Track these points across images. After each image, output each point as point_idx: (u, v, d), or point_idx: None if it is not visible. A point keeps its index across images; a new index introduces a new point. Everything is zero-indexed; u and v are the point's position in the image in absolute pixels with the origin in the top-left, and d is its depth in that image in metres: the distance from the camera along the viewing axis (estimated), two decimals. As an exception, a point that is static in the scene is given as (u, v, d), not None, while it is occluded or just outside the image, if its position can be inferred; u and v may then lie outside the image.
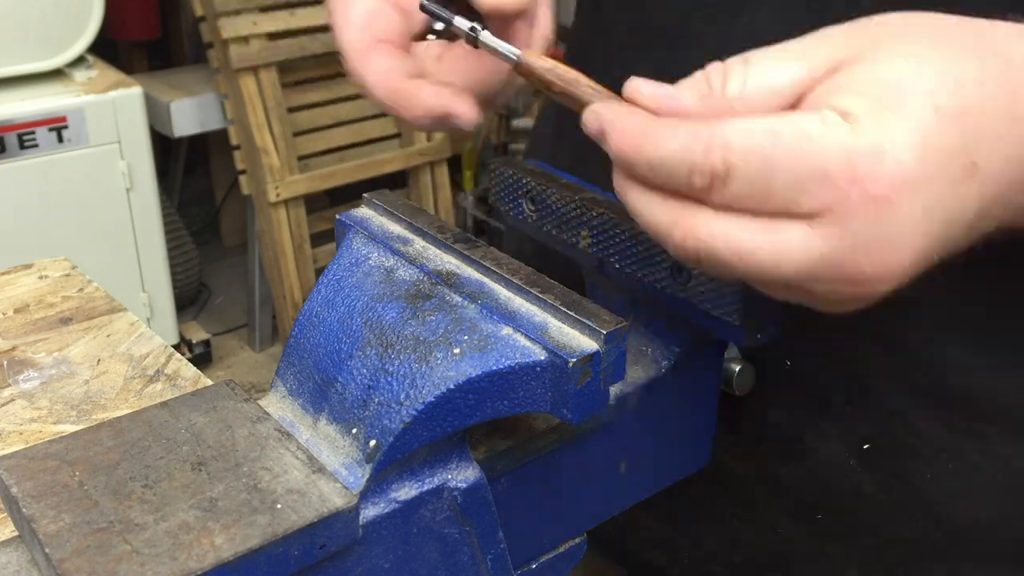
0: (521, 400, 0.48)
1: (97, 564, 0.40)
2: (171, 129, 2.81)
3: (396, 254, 0.55)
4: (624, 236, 0.58)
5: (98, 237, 2.50)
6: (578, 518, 0.58)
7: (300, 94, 2.87)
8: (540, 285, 0.50)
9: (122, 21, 3.17)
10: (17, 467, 0.45)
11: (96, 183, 2.47)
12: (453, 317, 0.49)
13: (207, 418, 0.49)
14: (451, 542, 0.50)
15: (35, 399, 0.86)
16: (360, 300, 0.52)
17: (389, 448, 0.46)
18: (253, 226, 2.95)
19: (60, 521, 0.42)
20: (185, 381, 0.89)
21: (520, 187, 0.64)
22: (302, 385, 0.52)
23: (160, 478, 0.45)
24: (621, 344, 0.48)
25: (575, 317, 0.48)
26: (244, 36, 2.70)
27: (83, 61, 2.51)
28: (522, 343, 0.48)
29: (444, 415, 0.46)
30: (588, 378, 0.47)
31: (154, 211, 2.59)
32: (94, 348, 0.93)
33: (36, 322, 0.97)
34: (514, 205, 0.65)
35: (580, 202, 0.60)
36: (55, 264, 1.08)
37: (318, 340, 0.52)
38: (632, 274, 0.58)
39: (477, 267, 0.53)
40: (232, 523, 0.42)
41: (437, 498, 0.48)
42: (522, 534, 0.55)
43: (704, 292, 0.54)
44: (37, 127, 2.35)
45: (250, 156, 2.79)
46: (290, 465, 0.46)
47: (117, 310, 0.99)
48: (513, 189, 0.65)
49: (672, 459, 0.63)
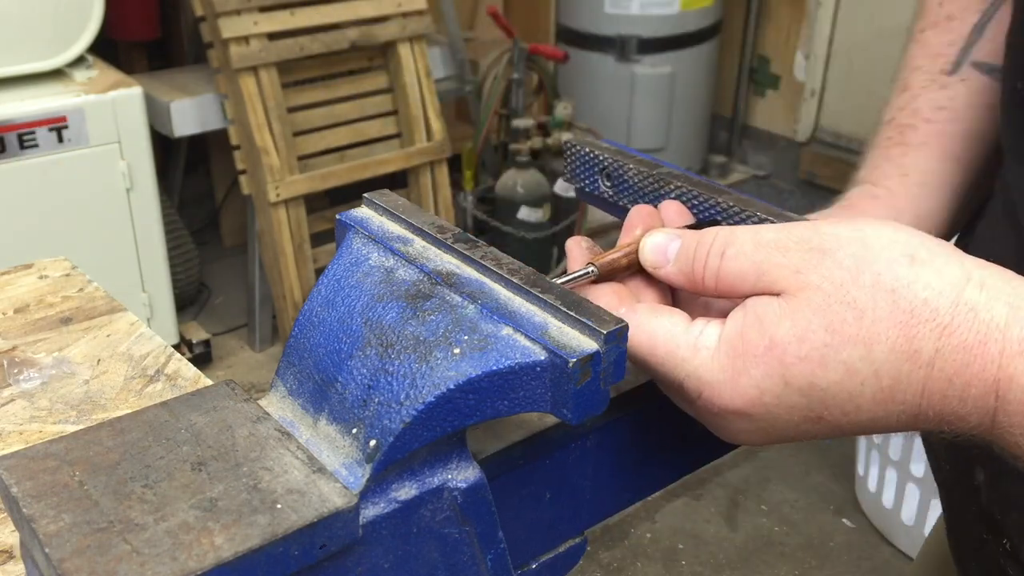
0: (521, 400, 0.48)
1: (97, 564, 0.40)
2: (171, 129, 2.81)
3: (396, 254, 0.55)
4: (703, 208, 0.59)
5: (98, 237, 2.50)
6: (578, 518, 0.58)
7: (300, 94, 2.87)
8: (540, 285, 0.50)
9: (122, 21, 3.17)
10: (17, 467, 0.45)
11: (96, 183, 2.47)
12: (453, 317, 0.49)
13: (207, 418, 0.49)
14: (451, 542, 0.50)
15: (35, 399, 0.86)
16: (360, 300, 0.52)
17: (389, 448, 0.46)
18: (253, 226, 2.95)
19: (60, 521, 0.42)
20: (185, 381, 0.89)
21: (596, 163, 0.66)
22: (302, 385, 0.52)
23: (160, 478, 0.45)
24: (621, 344, 0.48)
25: (575, 317, 0.48)
26: (244, 36, 2.70)
27: (83, 61, 2.51)
28: (522, 343, 0.48)
29: (444, 415, 0.46)
30: (588, 378, 0.47)
31: (154, 211, 2.59)
32: (94, 348, 0.93)
33: (36, 322, 0.97)
34: (589, 181, 0.67)
35: (657, 176, 0.61)
36: (55, 264, 1.08)
37: (318, 340, 0.52)
38: None
39: (477, 267, 0.53)
40: (232, 523, 0.42)
41: (437, 498, 0.48)
42: (522, 534, 0.55)
43: None
44: (37, 127, 2.35)
45: (250, 156, 2.79)
46: (290, 465, 0.46)
47: (117, 310, 0.99)
48: (589, 165, 0.66)
49: (679, 454, 0.63)
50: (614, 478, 0.60)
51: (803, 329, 0.48)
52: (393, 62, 3.00)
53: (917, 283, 0.47)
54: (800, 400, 0.48)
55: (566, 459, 0.56)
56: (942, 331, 0.46)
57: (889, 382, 0.47)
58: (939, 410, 0.47)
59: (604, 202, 0.67)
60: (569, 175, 0.69)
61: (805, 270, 0.48)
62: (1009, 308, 0.46)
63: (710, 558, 2.37)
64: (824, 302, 0.48)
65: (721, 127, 4.18)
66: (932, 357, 0.46)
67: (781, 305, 0.48)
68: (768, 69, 3.98)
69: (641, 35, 3.66)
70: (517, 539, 0.54)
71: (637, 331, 0.52)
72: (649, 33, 3.66)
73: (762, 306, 0.49)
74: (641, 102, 3.76)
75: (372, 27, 2.93)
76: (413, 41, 2.99)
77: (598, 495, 0.59)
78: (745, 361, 0.49)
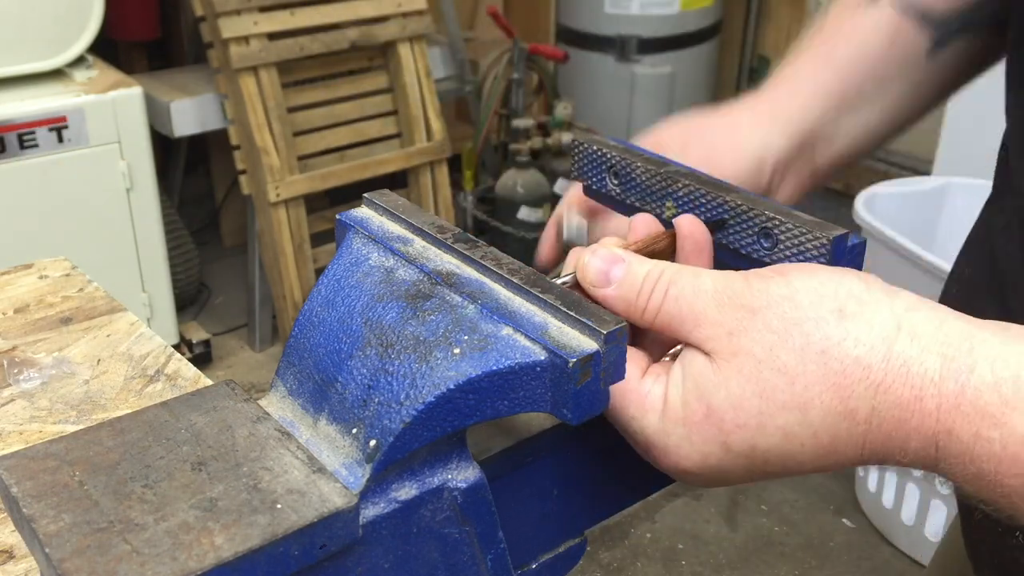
0: (521, 400, 0.48)
1: (97, 564, 0.40)
2: (171, 129, 2.81)
3: (396, 254, 0.55)
4: (709, 205, 0.59)
5: (98, 237, 2.50)
6: (578, 518, 0.59)
7: (300, 94, 2.87)
8: (540, 285, 0.50)
9: (122, 21, 3.17)
10: (17, 467, 0.45)
11: (96, 183, 2.47)
12: (453, 317, 0.49)
13: (207, 418, 0.49)
14: (451, 542, 0.50)
15: (35, 399, 0.86)
16: (360, 300, 0.52)
17: (389, 448, 0.46)
18: (253, 226, 2.95)
19: (60, 521, 0.42)
20: (185, 381, 0.89)
21: (603, 161, 0.66)
22: (302, 385, 0.52)
23: (160, 478, 0.45)
24: (621, 344, 0.48)
25: (575, 317, 0.48)
26: (244, 36, 2.70)
27: (83, 61, 2.51)
28: (522, 343, 0.48)
29: (444, 415, 0.46)
30: (588, 378, 0.47)
31: (154, 211, 2.59)
32: (94, 348, 0.93)
33: (36, 322, 0.97)
34: (597, 179, 0.67)
35: (665, 174, 0.62)
36: (55, 264, 1.08)
37: (318, 340, 0.52)
38: (718, 241, 0.60)
39: (477, 267, 0.53)
40: (232, 523, 0.42)
41: (437, 498, 0.48)
42: (522, 534, 0.55)
43: (790, 259, 0.56)
44: (37, 127, 2.35)
45: (250, 156, 2.79)
46: (290, 465, 0.46)
47: (117, 310, 0.99)
48: (596, 163, 0.66)
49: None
50: (614, 478, 0.60)
51: (737, 397, 0.48)
52: (393, 62, 3.00)
53: (847, 340, 0.47)
54: (743, 461, 0.50)
55: (566, 459, 0.56)
56: (876, 388, 0.46)
57: (828, 440, 0.48)
58: (881, 458, 0.48)
59: (611, 200, 0.67)
60: (576, 173, 0.69)
61: (737, 332, 0.49)
62: (942, 359, 0.46)
63: (710, 558, 2.37)
64: (755, 369, 0.48)
65: (721, 127, 4.18)
66: (869, 415, 0.47)
67: (715, 371, 0.49)
68: (768, 69, 3.98)
69: (641, 35, 3.66)
70: (517, 539, 0.54)
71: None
72: (649, 33, 3.66)
73: (698, 370, 0.50)
74: (641, 102, 3.76)
75: (372, 27, 2.93)
76: (413, 41, 3.00)
77: (598, 495, 0.59)
78: (688, 428, 0.50)
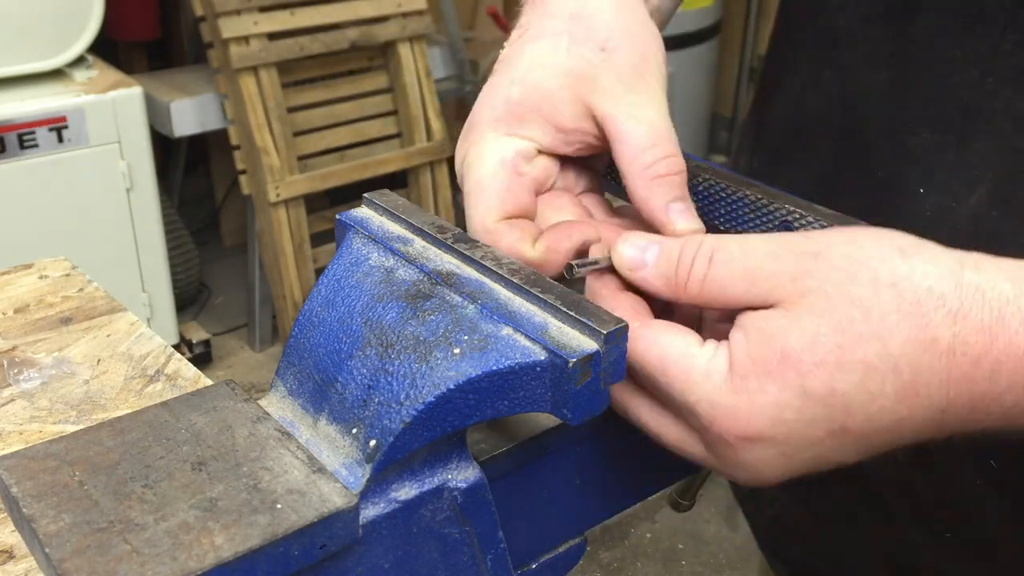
0: (521, 400, 0.48)
1: (97, 564, 0.40)
2: (171, 129, 2.81)
3: (396, 254, 0.55)
4: (730, 200, 0.59)
5: (98, 237, 2.50)
6: (578, 518, 0.58)
7: (300, 94, 2.87)
8: (540, 285, 0.50)
9: (122, 21, 3.17)
10: (17, 467, 0.45)
11: (96, 183, 2.47)
12: (453, 317, 0.49)
13: (207, 418, 0.49)
14: (451, 542, 0.50)
15: (35, 399, 0.86)
16: (360, 300, 0.52)
17: (389, 448, 0.46)
18: (253, 226, 2.95)
19: (60, 521, 0.42)
20: (185, 381, 0.89)
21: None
22: (302, 385, 0.52)
23: (160, 478, 0.45)
24: (621, 344, 0.48)
25: (575, 317, 0.48)
26: (244, 36, 2.70)
27: (83, 61, 2.51)
28: (522, 343, 0.48)
29: (444, 415, 0.46)
30: (588, 378, 0.47)
31: (154, 211, 2.59)
32: (94, 348, 0.93)
33: (36, 322, 0.97)
34: (614, 173, 0.67)
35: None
36: (55, 264, 1.08)
37: (318, 340, 0.52)
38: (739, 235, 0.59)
39: (477, 267, 0.53)
40: (232, 523, 0.42)
41: (437, 498, 0.48)
42: (522, 534, 0.55)
43: None
44: (37, 127, 2.35)
45: (250, 156, 2.79)
46: (290, 465, 0.46)
47: (117, 310, 0.99)
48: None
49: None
50: (614, 479, 0.60)
51: (812, 335, 0.46)
52: (393, 62, 3.00)
53: (915, 273, 0.46)
54: (822, 411, 0.46)
55: (566, 459, 0.56)
56: (954, 316, 0.45)
57: (910, 376, 0.46)
58: (968, 398, 0.46)
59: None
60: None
61: (801, 276, 0.47)
62: (1012, 283, 0.45)
63: (710, 558, 2.37)
64: (828, 304, 0.46)
65: (721, 127, 4.18)
66: (951, 343, 0.45)
67: (784, 315, 0.47)
68: (768, 69, 3.98)
69: (641, 35, 3.65)
70: (517, 539, 0.54)
71: (650, 347, 0.49)
72: (649, 33, 3.65)
73: (763, 320, 0.47)
74: (641, 102, 3.76)
75: (372, 27, 2.93)
76: (413, 41, 3.00)
77: (598, 496, 0.59)
78: (759, 379, 0.47)
